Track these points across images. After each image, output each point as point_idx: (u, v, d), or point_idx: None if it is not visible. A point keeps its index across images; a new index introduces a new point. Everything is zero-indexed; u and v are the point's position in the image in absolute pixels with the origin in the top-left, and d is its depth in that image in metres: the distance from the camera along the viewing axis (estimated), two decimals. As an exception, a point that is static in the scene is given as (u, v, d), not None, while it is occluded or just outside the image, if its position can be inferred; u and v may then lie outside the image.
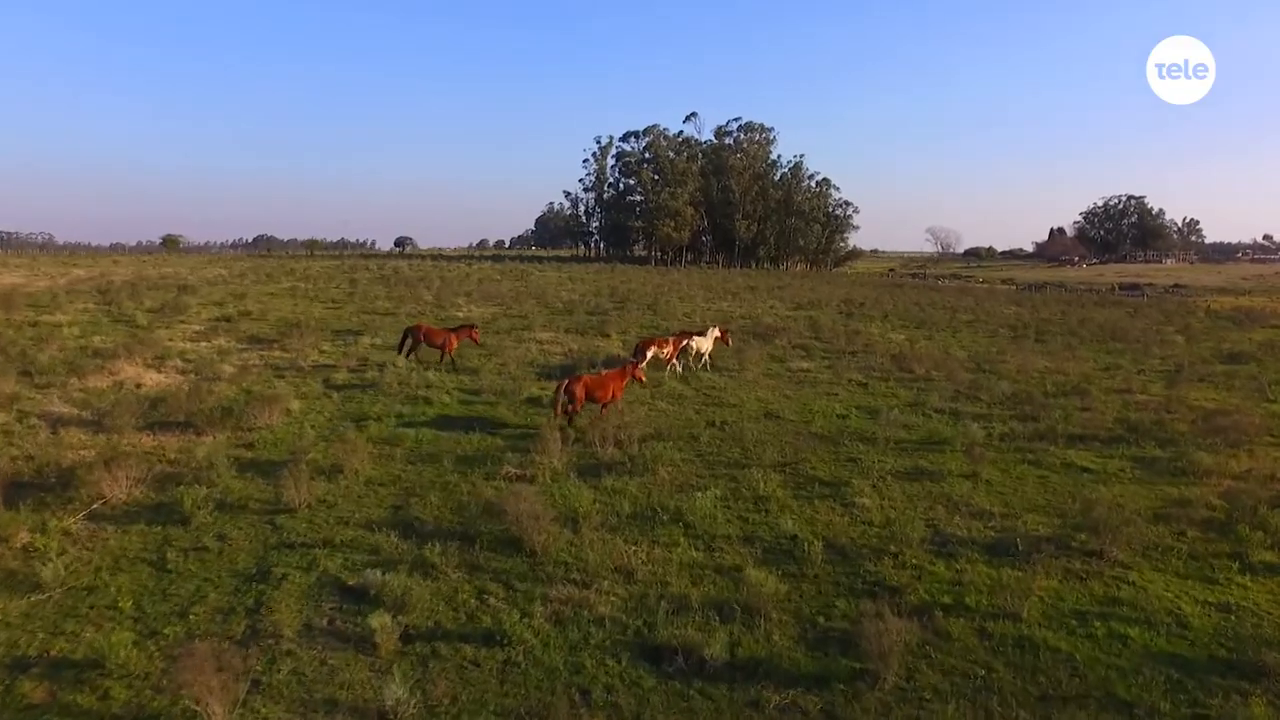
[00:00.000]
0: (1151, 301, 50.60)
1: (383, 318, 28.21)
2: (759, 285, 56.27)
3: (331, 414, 14.62)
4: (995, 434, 14.26)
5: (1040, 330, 31.17)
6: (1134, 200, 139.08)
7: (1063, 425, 14.81)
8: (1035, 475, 12.04)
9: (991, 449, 13.33)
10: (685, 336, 20.46)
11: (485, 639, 6.79)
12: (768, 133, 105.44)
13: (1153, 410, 16.53)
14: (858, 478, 11.38)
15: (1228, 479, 11.87)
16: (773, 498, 10.50)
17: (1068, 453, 13.16)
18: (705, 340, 20.63)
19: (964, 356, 24.17)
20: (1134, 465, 12.71)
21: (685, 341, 20.04)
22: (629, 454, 11.99)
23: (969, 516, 10.02)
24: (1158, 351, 25.95)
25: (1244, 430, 14.36)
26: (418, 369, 18.18)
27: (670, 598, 7.59)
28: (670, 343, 19.71)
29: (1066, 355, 24.62)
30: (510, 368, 19.06)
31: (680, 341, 19.92)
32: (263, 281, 43.04)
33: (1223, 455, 13.09)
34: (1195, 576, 8.49)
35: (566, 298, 38.01)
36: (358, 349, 21.46)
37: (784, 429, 14.38)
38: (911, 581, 8.07)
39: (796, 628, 7.18)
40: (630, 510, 10.00)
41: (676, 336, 20.30)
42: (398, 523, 9.35)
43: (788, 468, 12.00)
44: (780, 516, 9.80)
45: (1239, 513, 10.00)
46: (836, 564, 8.54)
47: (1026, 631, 7.13)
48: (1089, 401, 17.15)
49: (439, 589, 7.71)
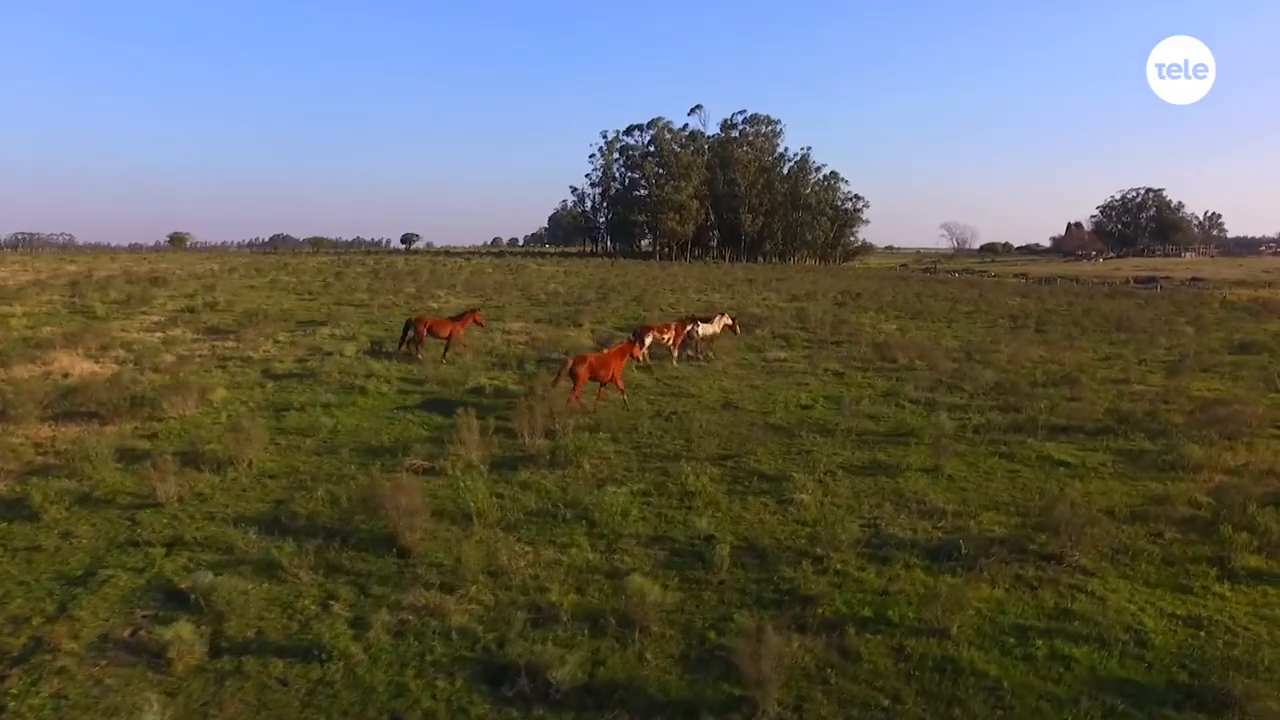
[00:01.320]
0: (1165, 294, 48.74)
1: (354, 309, 27.39)
2: (758, 278, 54.93)
3: (257, 404, 13.74)
4: (970, 425, 13.10)
5: (1042, 321, 29.72)
6: (1152, 193, 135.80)
7: (1046, 416, 13.59)
8: (1005, 469, 10.86)
9: (963, 441, 12.18)
10: (689, 322, 19.30)
11: (306, 653, 5.80)
12: (774, 125, 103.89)
13: (1148, 401, 15.25)
14: (804, 472, 10.27)
15: (1219, 474, 10.62)
16: (701, 493, 9.43)
17: (1046, 445, 11.95)
18: (712, 327, 19.62)
19: (955, 346, 22.92)
20: (1118, 459, 11.48)
21: (689, 328, 19.04)
22: (559, 445, 10.95)
23: (917, 515, 8.88)
24: (1164, 342, 24.48)
25: (1244, 421, 13.06)
26: (361, 359, 17.27)
27: (538, 607, 6.55)
28: (672, 328, 18.68)
29: (1065, 345, 23.26)
30: (465, 357, 18.10)
31: (683, 327, 18.92)
32: (250, 276, 42.52)
33: (1217, 448, 11.85)
34: (1167, 585, 7.31)
35: (552, 290, 37.03)
36: (314, 339, 20.62)
37: (739, 420, 13.28)
38: (830, 590, 6.96)
39: (680, 644, 6.11)
40: (536, 506, 8.99)
41: (679, 322, 19.26)
42: (271, 518, 8.40)
43: (730, 460, 10.92)
44: (700, 515, 8.73)
45: (1226, 511, 8.78)
46: (751, 569, 7.46)
47: (952, 652, 6.01)
48: (1079, 391, 15.88)
49: (279, 594, 6.73)
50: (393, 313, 26.50)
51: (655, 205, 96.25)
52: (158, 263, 57.79)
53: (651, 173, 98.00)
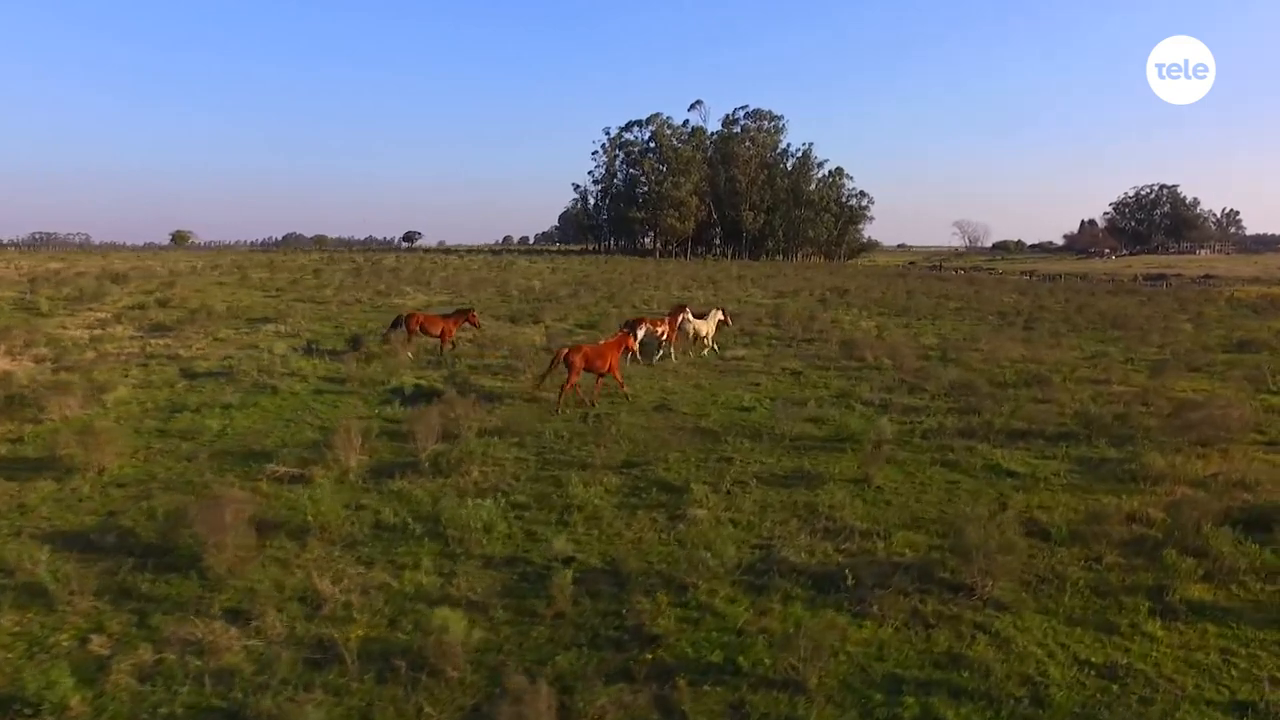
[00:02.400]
0: (1171, 291, 47.07)
1: (314, 305, 26.60)
2: (750, 275, 53.69)
3: (155, 405, 12.86)
4: (920, 430, 11.98)
5: (1032, 318, 28.37)
6: (1166, 190, 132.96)
7: (1005, 420, 12.48)
8: (944, 480, 9.75)
9: (908, 447, 11.10)
10: (679, 313, 18.36)
11: (21, 704, 4.83)
12: (777, 120, 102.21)
13: (1123, 403, 14.02)
14: (712, 482, 9.21)
15: (1183, 485, 9.45)
16: (585, 507, 8.42)
17: (998, 453, 10.81)
18: (706, 323, 18.65)
19: (933, 344, 21.72)
20: (1074, 468, 10.33)
21: (680, 320, 18.18)
22: (446, 451, 9.97)
23: (821, 534, 7.81)
24: (1157, 339, 23.12)
25: (1223, 425, 11.84)
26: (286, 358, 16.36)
27: (326, 644, 5.56)
28: (664, 322, 17.85)
29: (1050, 343, 21.97)
30: (400, 354, 17.16)
31: (675, 320, 18.07)
32: (229, 273, 41.92)
33: (1188, 456, 10.66)
34: (1091, 622, 6.20)
35: (527, 287, 36.06)
36: (255, 337, 19.79)
37: (668, 423, 12.23)
38: (680, 628, 5.92)
39: (476, 694, 5.09)
40: (394, 520, 8.00)
41: (670, 315, 18.41)
42: (86, 535, 7.47)
43: (635, 468, 9.87)
44: (569, 532, 7.71)
45: (1179, 531, 7.65)
46: (602, 599, 6.43)
47: (801, 712, 4.95)
48: (1049, 392, 14.68)
49: (31, 627, 5.78)
50: (351, 310, 25.65)
51: (654, 202, 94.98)
52: (149, 260, 57.49)
53: (651, 169, 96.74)
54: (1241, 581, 6.88)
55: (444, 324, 17.80)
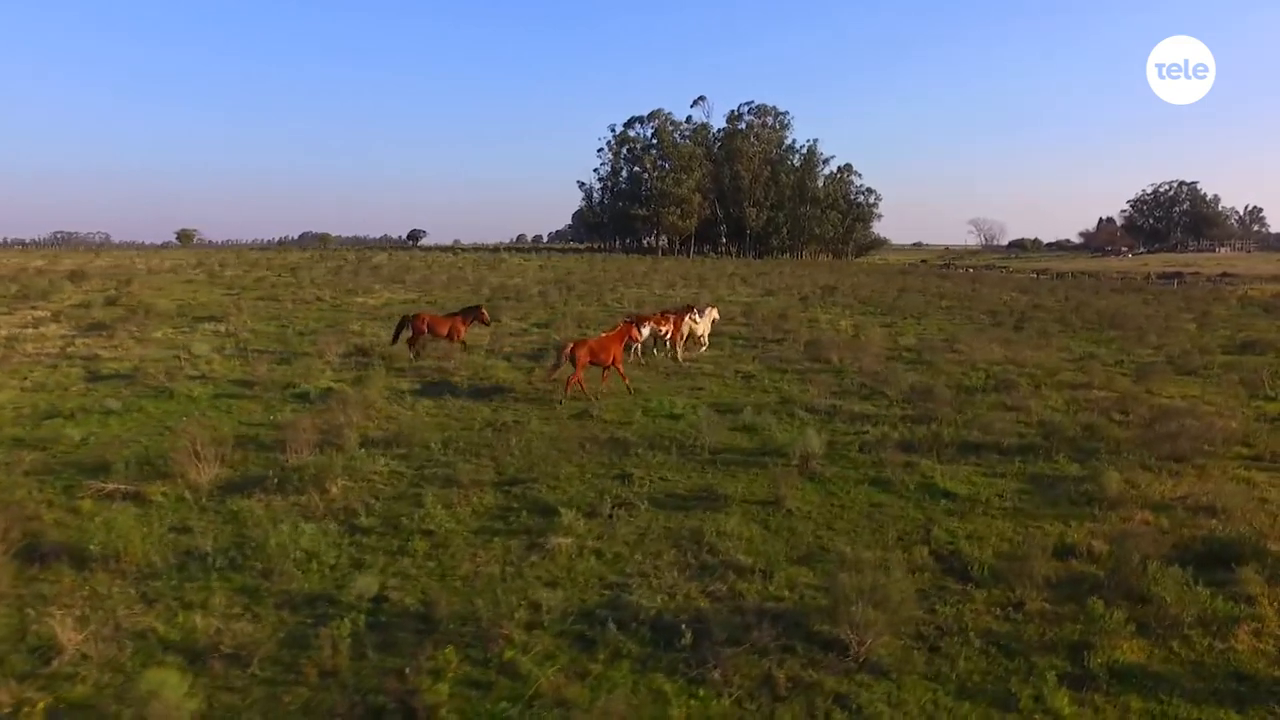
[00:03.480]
0: (1181, 289, 45.20)
1: (268, 303, 25.76)
2: (744, 273, 52.32)
3: (33, 409, 11.92)
4: (861, 441, 10.77)
5: (1026, 317, 26.89)
6: (1186, 186, 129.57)
7: (960, 430, 11.24)
8: (868, 503, 8.55)
9: (841, 461, 9.92)
10: (686, 313, 17.53)
11: None
12: (782, 116, 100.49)
13: (1100, 410, 12.72)
14: (593, 505, 8.07)
15: (1143, 510, 8.19)
16: (437, 532, 7.34)
17: (941, 469, 9.60)
18: (702, 322, 17.68)
19: (910, 344, 20.40)
20: (1024, 487, 9.09)
21: (688, 318, 17.38)
22: (314, 464, 8.91)
23: (692, 572, 6.65)
24: (1154, 340, 21.63)
25: (1205, 437, 10.53)
26: (196, 360, 15.41)
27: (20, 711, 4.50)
28: (671, 320, 16.89)
29: (1037, 344, 20.58)
30: (327, 354, 16.17)
31: (682, 319, 17.20)
32: (210, 269, 41.34)
33: (1157, 474, 9.40)
34: (987, 693, 5.02)
35: (504, 285, 35.01)
36: (191, 336, 18.89)
37: (581, 432, 11.11)
38: (462, 697, 4.80)
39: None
40: (209, 548, 6.93)
41: (678, 314, 17.47)
42: None
43: (517, 486, 8.77)
44: (395, 564, 6.62)
45: (1121, 570, 6.42)
46: (393, 652, 5.32)
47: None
48: (1018, 398, 13.37)
49: None
50: (307, 308, 24.75)
51: (656, 199, 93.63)
52: (137, 258, 57.24)
53: (652, 165, 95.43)
54: (1185, 636, 5.66)
55: (451, 323, 16.70)
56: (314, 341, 17.64)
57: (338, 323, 20.88)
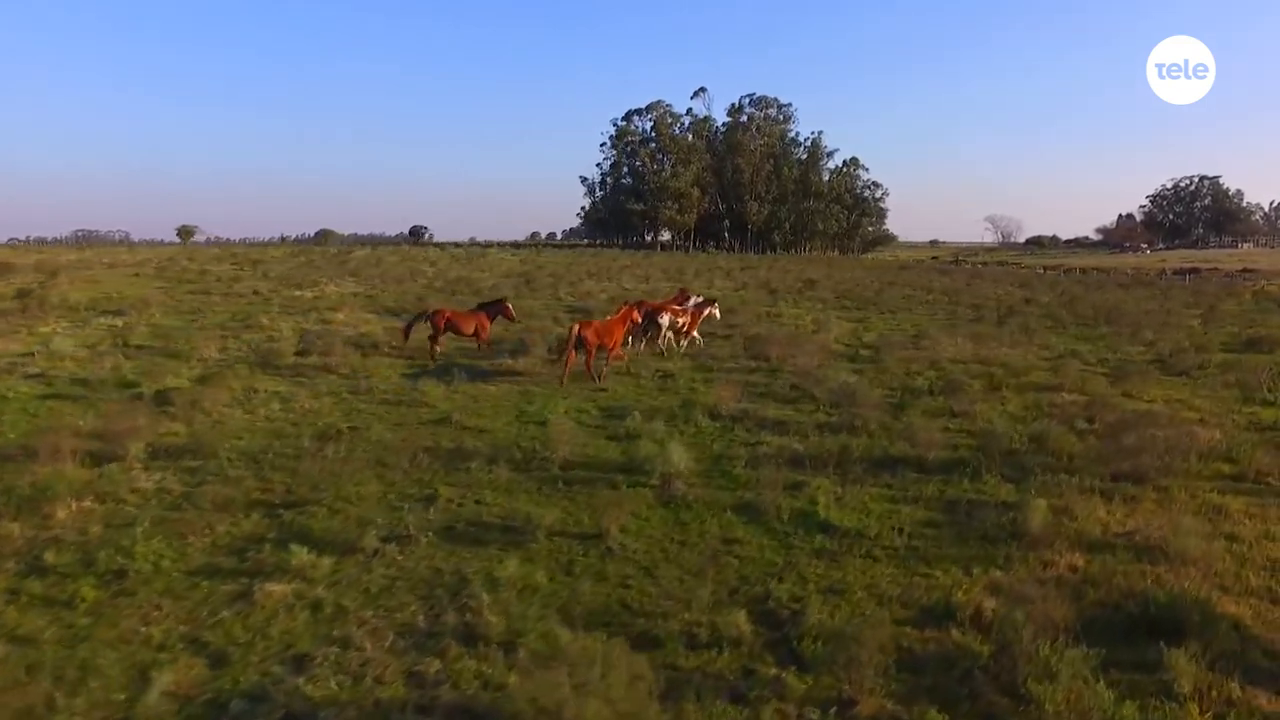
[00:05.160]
0: (1192, 284, 42.63)
1: (197, 297, 24.35)
2: (731, 267, 50.28)
3: None
4: (750, 455, 8.95)
5: (1013, 311, 24.75)
6: (1207, 181, 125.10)
7: (878, 443, 9.41)
8: (722, 538, 6.77)
9: (716, 481, 8.14)
10: (707, 307, 16.90)
11: None
12: (785, 109, 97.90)
13: (1063, 417, 10.79)
14: (352, 538, 6.33)
15: (1074, 553, 6.32)
16: (138, 573, 5.71)
17: (841, 491, 7.79)
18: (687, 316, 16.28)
19: (871, 340, 18.47)
20: (932, 518, 7.24)
21: (709, 310, 16.81)
22: (52, 481, 7.26)
23: (407, 643, 4.92)
24: (1149, 336, 19.50)
25: (1177, 452, 8.60)
26: (54, 355, 13.85)
27: None
28: (688, 312, 16.17)
29: (1016, 340, 18.58)
30: (204, 351, 14.57)
31: (700, 312, 16.53)
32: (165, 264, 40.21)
33: (1107, 500, 7.52)
34: None
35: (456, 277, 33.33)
36: (83, 331, 17.40)
37: (424, 442, 9.34)
38: None
39: None
40: None
41: (695, 308, 16.73)
42: None
43: (291, 510, 7.05)
44: (53, 615, 4.92)
45: (1009, 650, 4.59)
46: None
47: None
48: (964, 402, 11.45)
49: None
50: (235, 302, 23.26)
51: (653, 193, 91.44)
52: (119, 255, 56.45)
53: (649, 159, 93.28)
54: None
55: (476, 319, 15.09)
56: (212, 338, 16.07)
57: (251, 316, 19.33)
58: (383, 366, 13.67)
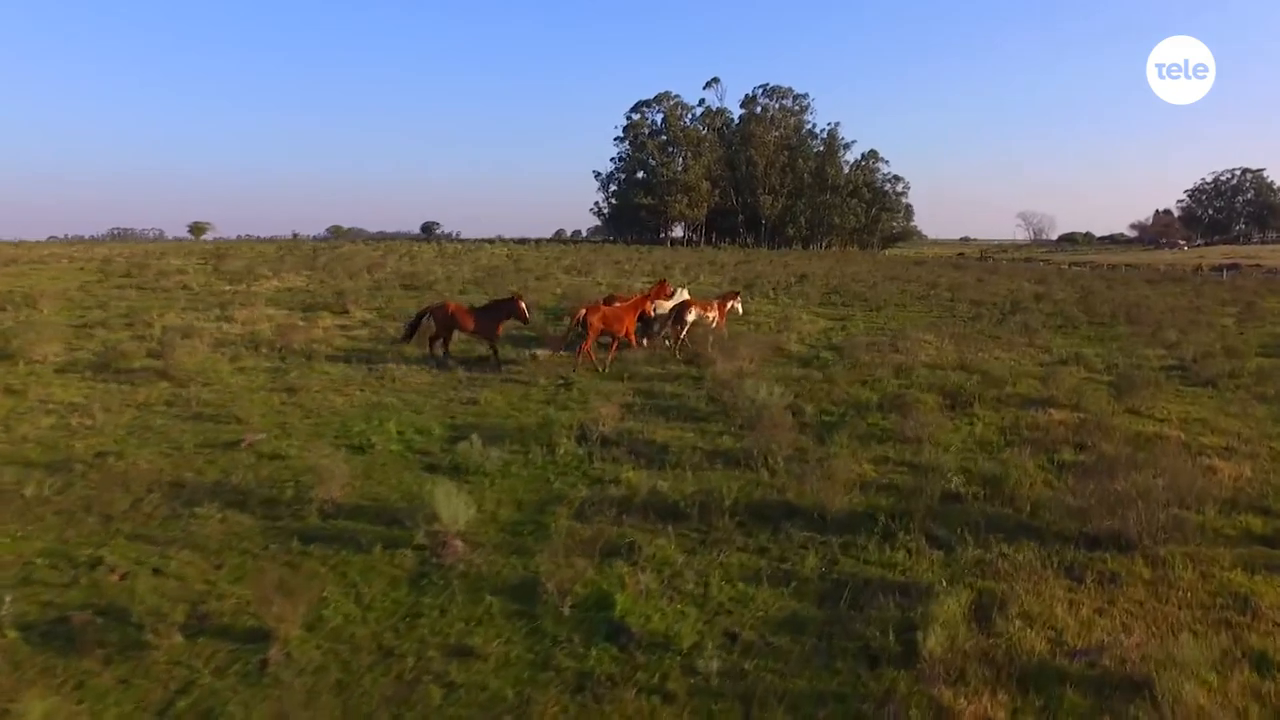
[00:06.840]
0: (1230, 279, 39.03)
1: (121, 290, 22.66)
2: (727, 261, 47.49)
3: None
4: (588, 499, 6.63)
5: (1019, 309, 21.90)
6: (1250, 174, 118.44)
7: (764, 488, 7.04)
8: (454, 645, 4.48)
9: (518, 540, 5.96)
10: (730, 298, 15.92)
11: None
12: (801, 99, 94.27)
13: (1046, 444, 8.30)
14: None
15: (989, 699, 3.89)
16: None
17: (681, 560, 5.45)
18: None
19: (839, 340, 15.92)
20: (794, 615, 4.90)
21: (732, 304, 15.81)
22: None
23: None
24: (1174, 336, 16.64)
25: (1182, 500, 6.09)
26: None
27: None
28: (714, 306, 15.23)
29: (1013, 342, 15.91)
30: (38, 352, 12.59)
31: (725, 305, 15.61)
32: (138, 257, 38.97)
33: (1071, 586, 5.06)
34: None
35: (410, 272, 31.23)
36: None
37: (170, 472, 7.18)
38: None
39: None
40: None
41: (721, 299, 15.78)
42: None
43: None
44: None
45: None
46: None
47: None
48: (913, 424, 8.89)
49: None
50: (151, 297, 21.48)
51: (662, 186, 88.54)
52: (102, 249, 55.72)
53: (659, 151, 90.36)
54: None
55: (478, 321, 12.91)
56: (66, 336, 14.14)
57: (146, 312, 17.45)
58: (233, 372, 11.58)
